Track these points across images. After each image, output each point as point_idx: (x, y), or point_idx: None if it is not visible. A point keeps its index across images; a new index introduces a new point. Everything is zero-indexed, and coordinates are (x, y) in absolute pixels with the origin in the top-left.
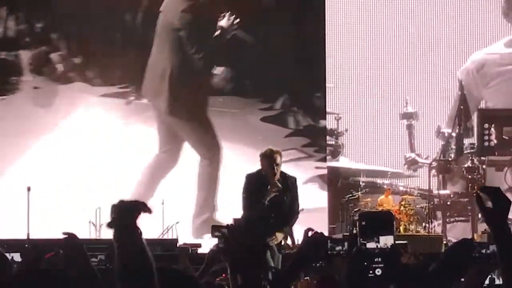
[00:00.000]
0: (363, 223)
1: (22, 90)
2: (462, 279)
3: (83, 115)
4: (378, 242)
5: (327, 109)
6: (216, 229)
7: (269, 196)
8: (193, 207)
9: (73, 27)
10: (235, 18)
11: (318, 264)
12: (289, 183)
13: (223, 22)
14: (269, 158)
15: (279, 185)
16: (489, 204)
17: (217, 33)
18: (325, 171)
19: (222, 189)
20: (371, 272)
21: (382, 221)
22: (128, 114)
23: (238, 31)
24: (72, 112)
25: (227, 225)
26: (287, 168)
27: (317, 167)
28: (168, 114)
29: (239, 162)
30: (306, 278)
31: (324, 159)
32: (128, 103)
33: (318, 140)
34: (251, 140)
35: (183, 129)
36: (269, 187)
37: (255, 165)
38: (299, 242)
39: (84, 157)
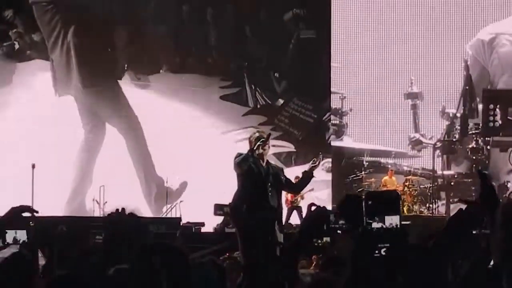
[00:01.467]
0: (369, 202)
1: None
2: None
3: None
4: (384, 222)
5: (332, 89)
6: (218, 207)
7: (258, 149)
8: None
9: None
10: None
11: (321, 242)
12: (278, 169)
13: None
14: (257, 137)
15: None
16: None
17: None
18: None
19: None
20: (376, 252)
21: (388, 201)
22: None
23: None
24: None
25: (229, 203)
26: (244, 146)
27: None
28: (82, 87)
29: (199, 138)
30: (313, 256)
31: (280, 137)
32: None
33: (274, 118)
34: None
35: (96, 102)
36: (260, 141)
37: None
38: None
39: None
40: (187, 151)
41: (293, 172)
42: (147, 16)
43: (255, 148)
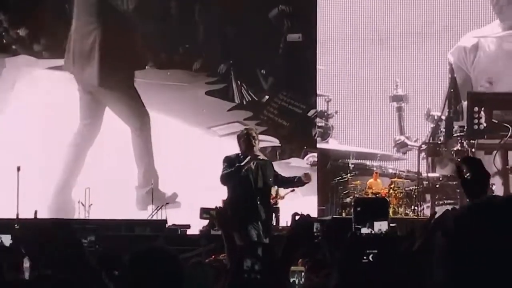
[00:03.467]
0: (358, 208)
1: None
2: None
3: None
4: (373, 227)
5: (318, 91)
6: (204, 211)
7: (248, 164)
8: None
9: None
10: None
11: (307, 247)
12: (268, 164)
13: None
14: (245, 135)
15: (259, 156)
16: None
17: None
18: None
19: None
20: (364, 257)
21: (377, 207)
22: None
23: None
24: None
25: (215, 207)
26: (229, 140)
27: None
28: (97, 85)
29: (183, 133)
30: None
31: (265, 132)
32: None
33: (259, 113)
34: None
35: (112, 100)
36: (248, 157)
37: (200, 139)
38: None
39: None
40: (171, 146)
41: (276, 167)
42: (133, 12)
43: (243, 165)
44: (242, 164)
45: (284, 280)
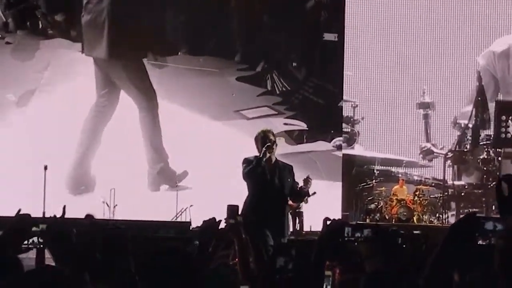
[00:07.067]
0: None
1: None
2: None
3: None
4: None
5: (344, 97)
6: (231, 212)
7: (265, 154)
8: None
9: None
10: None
11: (338, 252)
12: (287, 169)
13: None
14: (262, 137)
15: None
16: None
17: None
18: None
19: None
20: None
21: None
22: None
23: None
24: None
25: (241, 213)
26: (260, 123)
27: (285, 123)
28: (106, 57)
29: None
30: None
31: (293, 117)
32: None
33: (288, 98)
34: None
35: (121, 76)
36: (264, 148)
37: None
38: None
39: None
40: (198, 132)
41: (303, 148)
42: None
43: (261, 156)
44: (260, 155)
45: (321, 282)
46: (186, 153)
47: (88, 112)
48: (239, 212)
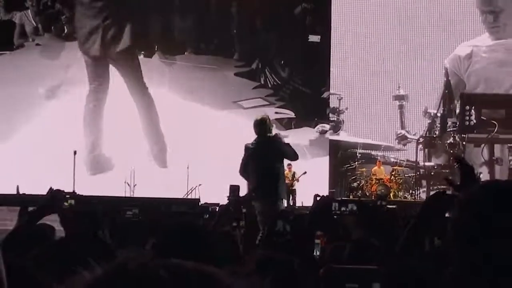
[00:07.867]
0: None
1: (29, 47)
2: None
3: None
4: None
5: (331, 91)
6: (232, 190)
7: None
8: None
9: None
10: None
11: (327, 223)
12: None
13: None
14: (258, 121)
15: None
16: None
17: None
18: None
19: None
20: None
21: None
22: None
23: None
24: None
25: (245, 195)
26: (254, 111)
27: (276, 112)
28: (99, 56)
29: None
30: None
31: (283, 106)
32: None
33: (279, 90)
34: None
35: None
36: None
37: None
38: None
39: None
40: (201, 119)
41: (292, 134)
42: (177, 7)
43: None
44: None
45: (312, 246)
46: (192, 137)
47: (85, 104)
48: (239, 191)
